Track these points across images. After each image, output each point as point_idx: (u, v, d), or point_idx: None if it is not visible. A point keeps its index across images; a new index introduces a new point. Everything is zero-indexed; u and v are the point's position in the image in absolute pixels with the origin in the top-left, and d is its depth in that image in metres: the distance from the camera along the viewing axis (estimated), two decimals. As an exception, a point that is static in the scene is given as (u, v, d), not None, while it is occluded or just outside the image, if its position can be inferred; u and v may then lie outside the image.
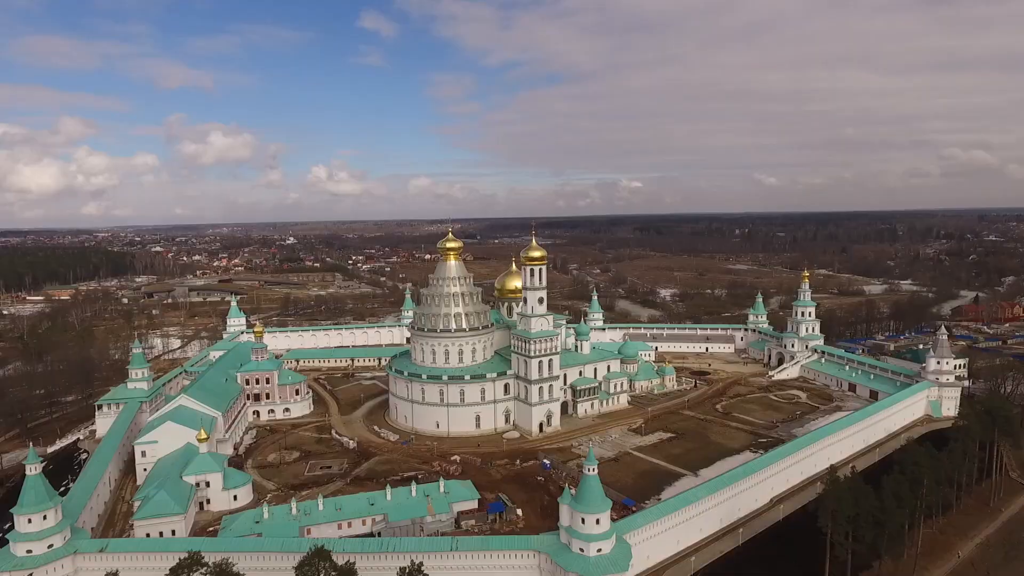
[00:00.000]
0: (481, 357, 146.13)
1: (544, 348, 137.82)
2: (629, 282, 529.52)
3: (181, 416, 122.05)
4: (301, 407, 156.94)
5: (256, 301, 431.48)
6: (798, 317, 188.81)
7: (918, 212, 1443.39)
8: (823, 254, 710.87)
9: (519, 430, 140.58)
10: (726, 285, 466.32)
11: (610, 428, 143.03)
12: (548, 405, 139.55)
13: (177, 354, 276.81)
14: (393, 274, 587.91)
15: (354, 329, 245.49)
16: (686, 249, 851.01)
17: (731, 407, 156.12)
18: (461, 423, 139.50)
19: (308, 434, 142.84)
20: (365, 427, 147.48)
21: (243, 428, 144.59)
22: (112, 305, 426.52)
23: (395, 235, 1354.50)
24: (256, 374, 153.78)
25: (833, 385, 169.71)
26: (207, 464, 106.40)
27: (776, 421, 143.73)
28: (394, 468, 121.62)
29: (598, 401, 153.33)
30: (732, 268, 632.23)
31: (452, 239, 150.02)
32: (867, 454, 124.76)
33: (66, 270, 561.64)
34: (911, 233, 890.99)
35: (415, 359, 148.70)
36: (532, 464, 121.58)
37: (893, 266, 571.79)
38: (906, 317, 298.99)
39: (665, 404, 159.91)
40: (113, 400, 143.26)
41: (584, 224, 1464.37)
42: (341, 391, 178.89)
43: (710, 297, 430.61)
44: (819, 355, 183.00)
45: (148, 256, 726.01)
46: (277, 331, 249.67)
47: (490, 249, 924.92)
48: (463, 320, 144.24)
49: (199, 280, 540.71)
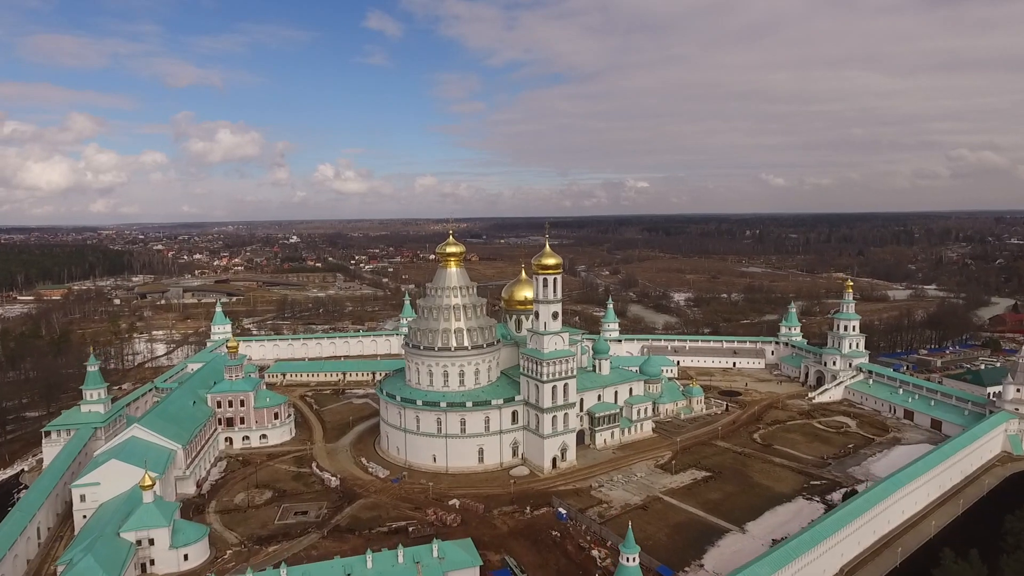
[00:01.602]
0: (485, 379, 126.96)
1: (559, 371, 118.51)
2: (640, 285, 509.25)
3: (131, 451, 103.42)
4: (280, 433, 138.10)
5: (252, 303, 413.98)
6: (840, 331, 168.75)
7: (931, 214, 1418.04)
8: (839, 257, 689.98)
9: (529, 465, 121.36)
10: (742, 289, 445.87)
11: (634, 463, 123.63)
12: (563, 437, 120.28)
13: (163, 360, 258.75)
14: (396, 275, 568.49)
15: (348, 338, 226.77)
16: (696, 250, 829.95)
17: (771, 437, 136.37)
18: (461, 457, 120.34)
19: (285, 467, 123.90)
20: (352, 458, 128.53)
21: (211, 459, 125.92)
22: (103, 306, 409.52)
23: (400, 234, 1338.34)
24: (229, 395, 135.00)
25: (884, 411, 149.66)
26: (151, 517, 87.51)
27: (827, 457, 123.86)
28: (381, 516, 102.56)
29: (619, 430, 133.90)
30: (746, 271, 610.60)
31: (453, 243, 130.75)
32: (945, 503, 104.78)
33: (60, 269, 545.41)
34: (928, 236, 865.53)
35: (409, 380, 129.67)
36: (545, 513, 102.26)
37: (915, 270, 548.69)
38: (944, 327, 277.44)
39: (694, 432, 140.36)
40: (63, 426, 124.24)
41: (591, 224, 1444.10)
42: (329, 411, 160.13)
43: (726, 302, 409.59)
44: (865, 375, 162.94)
45: (146, 255, 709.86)
46: (266, 339, 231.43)
47: (496, 249, 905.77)
48: (464, 337, 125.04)
49: (196, 280, 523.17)
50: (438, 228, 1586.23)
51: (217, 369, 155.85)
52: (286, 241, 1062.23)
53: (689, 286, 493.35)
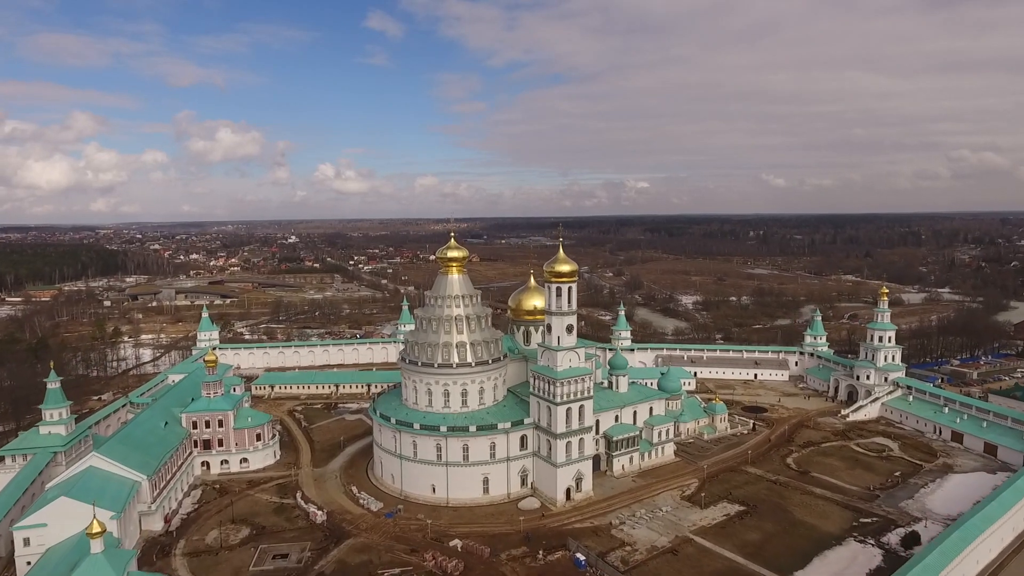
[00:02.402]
0: (491, 399, 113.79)
1: (574, 392, 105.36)
2: (645, 287, 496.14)
3: (86, 485, 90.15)
4: (263, 456, 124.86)
5: (247, 305, 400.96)
6: (874, 342, 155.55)
7: (934, 215, 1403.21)
8: (846, 259, 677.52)
9: (540, 496, 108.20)
10: (750, 292, 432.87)
11: (657, 493, 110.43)
12: (578, 465, 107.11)
13: (148, 367, 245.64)
14: (395, 276, 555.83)
15: (342, 345, 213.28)
16: (699, 251, 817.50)
17: (807, 462, 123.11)
18: (464, 487, 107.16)
19: (267, 497, 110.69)
20: (341, 486, 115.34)
21: (184, 488, 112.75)
22: (93, 308, 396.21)
23: (400, 234, 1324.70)
24: (206, 415, 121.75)
25: (928, 432, 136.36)
26: (98, 571, 74.29)
27: (874, 488, 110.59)
28: (372, 560, 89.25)
29: (638, 454, 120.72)
30: (752, 273, 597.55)
31: (455, 246, 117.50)
32: (1021, 551, 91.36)
33: (51, 269, 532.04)
34: (936, 237, 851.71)
35: (406, 399, 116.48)
36: (560, 558, 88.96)
37: (927, 272, 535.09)
38: (971, 334, 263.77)
39: (720, 456, 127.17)
40: (18, 450, 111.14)
41: (592, 224, 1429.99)
42: (319, 429, 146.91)
43: (736, 306, 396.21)
44: (903, 390, 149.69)
45: (141, 255, 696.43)
46: (256, 347, 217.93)
47: (497, 250, 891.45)
48: (467, 351, 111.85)
49: (190, 281, 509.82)
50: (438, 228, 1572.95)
51: (200, 381, 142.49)
52: (284, 241, 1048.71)
53: (696, 288, 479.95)
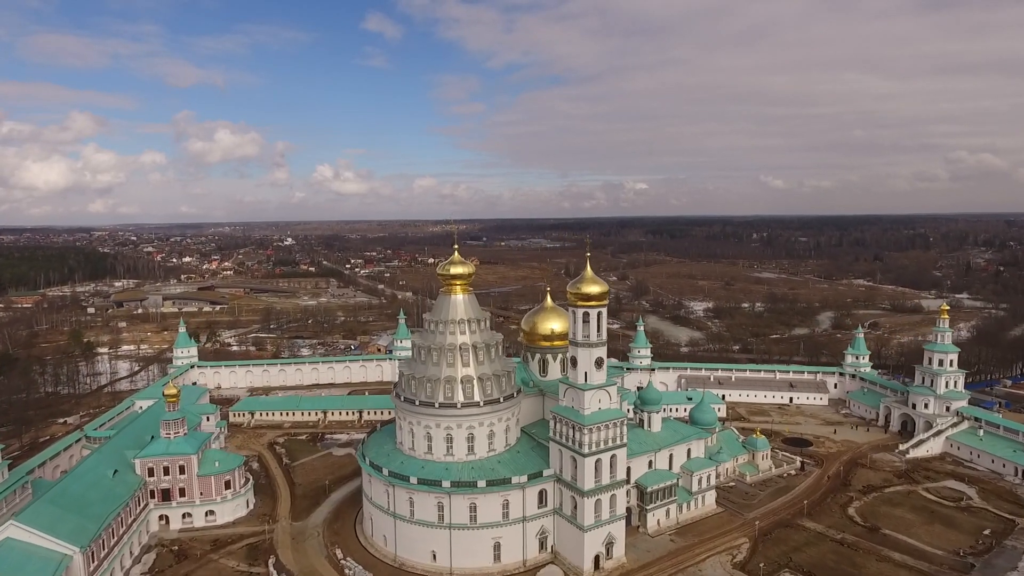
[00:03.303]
0: (502, 443, 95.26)
1: (605, 439, 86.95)
2: (652, 292, 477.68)
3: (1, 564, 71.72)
4: (233, 507, 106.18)
5: (236, 312, 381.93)
6: (934, 366, 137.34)
7: (937, 216, 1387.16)
8: (855, 262, 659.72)
9: (562, 563, 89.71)
10: (762, 298, 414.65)
11: (701, 558, 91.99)
12: (609, 527, 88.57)
13: (125, 383, 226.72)
14: (393, 280, 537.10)
15: (334, 363, 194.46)
16: (703, 254, 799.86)
17: (872, 513, 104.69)
18: (470, 554, 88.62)
19: (233, 565, 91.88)
20: (323, 547, 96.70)
21: (135, 551, 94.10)
22: (75, 315, 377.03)
23: (399, 236, 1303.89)
24: (164, 460, 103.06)
25: (1008, 473, 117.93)
26: None
27: (964, 552, 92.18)
28: (357, 663, 70.95)
29: (675, 505, 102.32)
30: (760, 277, 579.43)
31: (459, 261, 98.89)
32: None
33: (37, 274, 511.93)
34: (944, 240, 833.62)
35: (401, 443, 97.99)
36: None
37: (942, 277, 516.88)
38: (1004, 346, 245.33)
39: (769, 504, 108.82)
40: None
41: (592, 226, 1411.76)
42: (302, 468, 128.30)
43: (749, 313, 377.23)
44: (971, 423, 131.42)
45: (132, 258, 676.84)
46: (238, 365, 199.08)
47: (497, 252, 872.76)
48: (475, 388, 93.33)
49: (179, 287, 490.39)
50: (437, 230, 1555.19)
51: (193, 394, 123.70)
52: (281, 243, 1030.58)
53: (704, 294, 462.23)
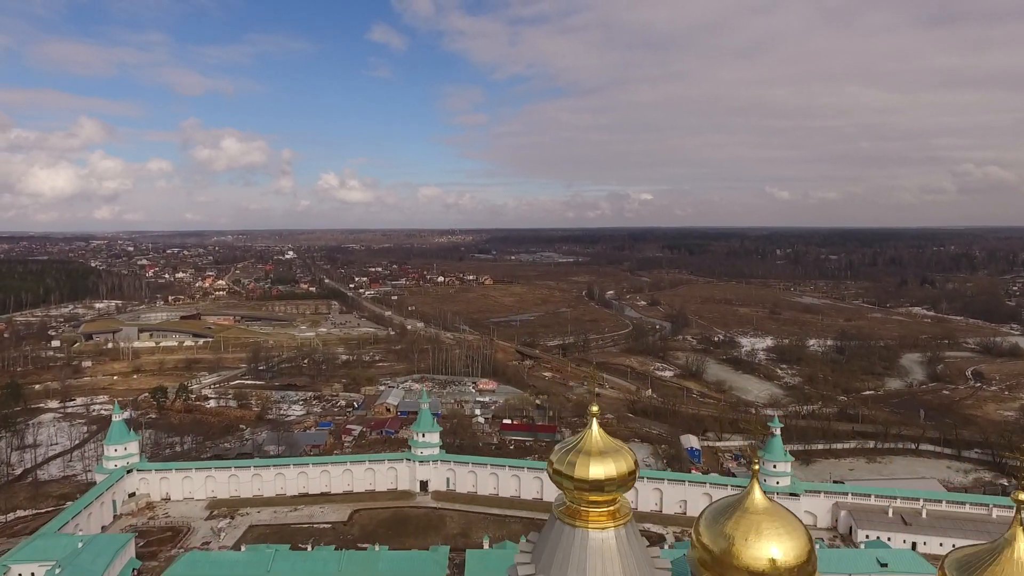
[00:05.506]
0: None
1: None
2: (692, 323, 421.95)
3: None
4: None
5: (222, 347, 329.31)
6: None
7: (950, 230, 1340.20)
8: (901, 285, 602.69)
9: None
10: (831, 333, 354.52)
11: None
12: None
13: (56, 465, 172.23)
14: (401, 305, 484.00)
15: (327, 465, 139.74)
16: (728, 272, 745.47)
17: None
18: None
19: None
20: None
21: None
22: (36, 349, 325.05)
23: (404, 247, 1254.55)
24: None
25: None
26: None
27: None
28: None
29: None
30: (804, 303, 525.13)
31: (598, 454, 45.93)
32: None
33: (6, 296, 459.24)
34: (993, 259, 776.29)
35: None
36: None
37: (1016, 307, 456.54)
38: None
39: None
40: None
41: (600, 238, 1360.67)
42: None
43: (820, 355, 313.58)
44: None
45: (117, 276, 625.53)
46: (196, 467, 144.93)
47: (509, 269, 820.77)
48: None
49: (163, 312, 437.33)
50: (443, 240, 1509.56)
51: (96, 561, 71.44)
52: (281, 257, 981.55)
53: (752, 325, 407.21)
